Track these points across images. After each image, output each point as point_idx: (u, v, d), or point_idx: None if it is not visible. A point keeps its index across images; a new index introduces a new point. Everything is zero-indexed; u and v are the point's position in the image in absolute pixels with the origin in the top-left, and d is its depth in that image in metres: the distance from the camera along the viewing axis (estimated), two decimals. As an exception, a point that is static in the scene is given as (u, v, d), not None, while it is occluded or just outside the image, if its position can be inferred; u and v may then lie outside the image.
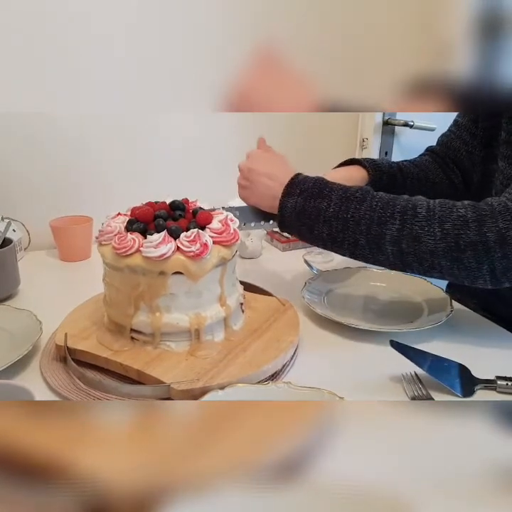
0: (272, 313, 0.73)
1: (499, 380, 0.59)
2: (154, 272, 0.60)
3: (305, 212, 0.69)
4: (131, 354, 0.62)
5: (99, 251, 0.65)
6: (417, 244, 0.62)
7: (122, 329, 0.65)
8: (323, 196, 0.69)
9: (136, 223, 0.64)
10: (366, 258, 0.68)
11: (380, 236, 0.64)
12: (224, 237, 0.65)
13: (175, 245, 0.61)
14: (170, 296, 0.62)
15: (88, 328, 0.69)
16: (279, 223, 0.74)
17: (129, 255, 0.61)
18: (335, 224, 0.67)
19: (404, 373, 0.62)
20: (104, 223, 0.67)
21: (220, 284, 0.65)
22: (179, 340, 0.64)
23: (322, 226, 0.68)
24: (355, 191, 0.68)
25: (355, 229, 0.66)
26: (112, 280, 0.65)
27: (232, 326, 0.68)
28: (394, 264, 0.66)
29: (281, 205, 0.71)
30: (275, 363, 0.62)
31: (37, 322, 0.71)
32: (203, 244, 0.61)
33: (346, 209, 0.67)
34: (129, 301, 0.63)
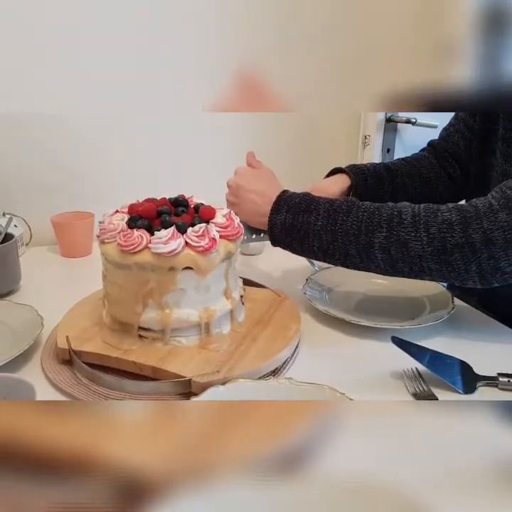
0: (271, 303, 0.76)
1: (501, 376, 0.60)
2: (164, 268, 0.60)
3: (294, 228, 0.71)
4: (142, 352, 0.62)
5: (101, 249, 0.65)
6: (405, 250, 0.63)
7: (129, 327, 0.64)
8: (311, 211, 0.70)
9: (140, 220, 0.64)
10: (357, 266, 0.69)
11: (368, 245, 0.66)
12: (229, 231, 0.65)
13: (183, 241, 0.61)
14: (179, 291, 0.62)
15: (89, 328, 0.68)
16: (270, 239, 0.75)
17: (137, 252, 0.61)
18: (324, 236, 0.68)
19: (406, 369, 0.62)
20: (102, 221, 0.66)
21: (226, 278, 0.66)
22: (189, 335, 0.64)
23: (312, 239, 0.69)
24: (340, 203, 0.70)
25: (345, 239, 0.67)
26: (115, 278, 0.65)
27: (237, 318, 0.69)
28: (385, 271, 0.67)
29: (271, 222, 0.73)
30: (287, 350, 0.64)
31: (38, 317, 0.71)
32: (211, 238, 0.61)
33: (334, 221, 0.68)
34: (137, 298, 0.63)
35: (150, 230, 0.62)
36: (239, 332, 0.67)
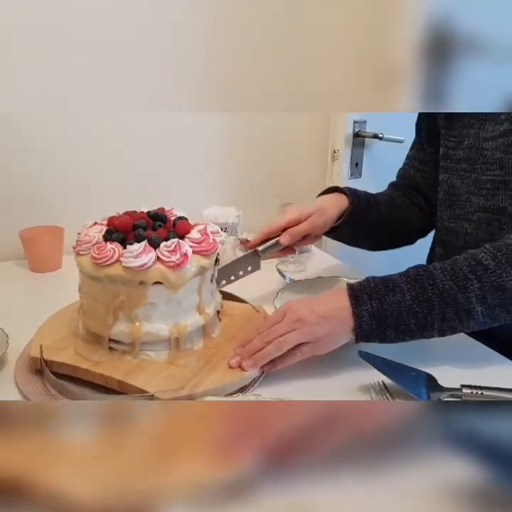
0: (248, 319, 0.75)
1: (464, 388, 0.61)
2: (134, 282, 0.61)
3: (386, 312, 0.63)
4: (111, 364, 0.62)
5: (77, 261, 0.65)
6: (502, 293, 0.63)
7: (100, 339, 0.65)
8: (391, 289, 0.64)
9: (116, 233, 0.64)
10: (454, 330, 0.65)
11: (467, 301, 0.63)
12: (203, 246, 0.65)
13: (155, 255, 0.61)
14: (150, 305, 0.62)
15: (63, 339, 0.68)
16: (357, 337, 0.64)
17: (109, 265, 0.61)
18: (419, 309, 0.63)
19: (373, 383, 0.63)
20: (80, 233, 0.66)
21: (199, 293, 0.66)
22: (158, 349, 0.64)
23: (407, 318, 0.63)
24: (412, 273, 0.66)
25: (441, 304, 0.63)
26: (89, 290, 0.65)
27: (210, 333, 0.69)
28: (484, 323, 0.65)
29: (357, 317, 0.63)
30: (257, 369, 0.63)
31: (3, 335, 0.70)
32: (183, 254, 0.62)
33: (423, 290, 0.63)
34: (108, 311, 0.63)
35: (123, 244, 0.63)
36: (210, 349, 0.67)
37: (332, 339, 0.65)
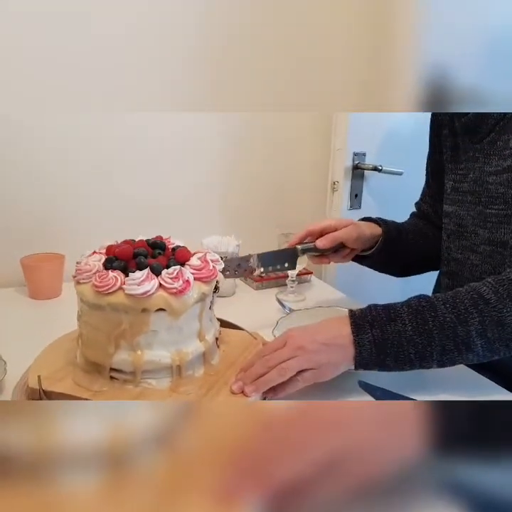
0: (246, 346, 0.75)
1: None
2: (137, 310, 0.61)
3: (386, 341, 0.64)
4: (112, 394, 0.62)
5: (77, 290, 0.65)
6: (501, 328, 0.63)
7: (101, 369, 0.64)
8: (394, 319, 0.65)
9: (117, 261, 0.64)
10: (453, 361, 0.65)
11: (467, 334, 0.63)
12: (203, 273, 0.66)
13: (157, 282, 0.62)
14: (151, 333, 0.62)
15: (62, 369, 0.67)
16: (356, 364, 0.65)
17: (111, 293, 0.61)
18: (419, 340, 0.63)
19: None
20: (80, 262, 0.67)
21: (199, 320, 0.66)
22: (160, 377, 0.64)
23: (407, 348, 0.64)
24: (413, 303, 0.66)
25: (441, 336, 0.63)
26: (89, 319, 0.65)
27: (210, 360, 0.68)
28: (483, 357, 0.65)
29: (358, 344, 0.64)
30: (259, 395, 0.63)
31: (1, 362, 0.69)
32: (185, 280, 0.62)
33: (424, 321, 0.64)
34: (109, 339, 0.63)
35: (125, 272, 0.63)
36: (211, 375, 0.67)
37: (333, 366, 0.65)
